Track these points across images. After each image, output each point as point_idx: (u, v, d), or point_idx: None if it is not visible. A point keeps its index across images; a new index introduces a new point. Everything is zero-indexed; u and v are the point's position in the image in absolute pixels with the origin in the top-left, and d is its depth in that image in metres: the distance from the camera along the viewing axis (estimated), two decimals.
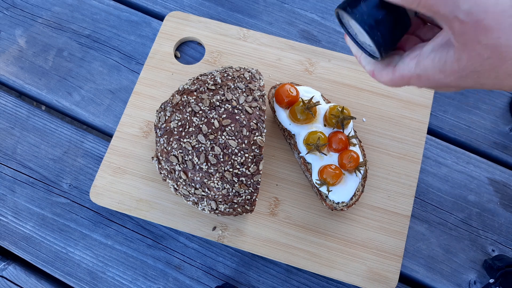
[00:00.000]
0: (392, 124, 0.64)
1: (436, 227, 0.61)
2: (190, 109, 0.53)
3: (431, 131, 0.67)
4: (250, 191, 0.53)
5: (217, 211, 0.55)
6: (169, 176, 0.55)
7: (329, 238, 0.59)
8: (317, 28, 0.72)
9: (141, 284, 0.59)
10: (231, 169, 0.51)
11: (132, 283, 0.59)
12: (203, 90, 0.55)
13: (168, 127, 0.54)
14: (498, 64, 0.26)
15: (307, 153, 0.57)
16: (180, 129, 0.53)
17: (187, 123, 0.53)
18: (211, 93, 0.54)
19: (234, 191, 0.52)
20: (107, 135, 0.67)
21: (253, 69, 0.58)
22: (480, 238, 0.61)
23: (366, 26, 0.31)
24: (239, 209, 0.54)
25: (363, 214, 0.60)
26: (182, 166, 0.53)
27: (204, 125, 0.52)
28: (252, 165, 0.52)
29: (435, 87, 0.30)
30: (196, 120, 0.52)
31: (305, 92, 0.60)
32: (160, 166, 0.55)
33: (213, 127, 0.52)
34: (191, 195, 0.54)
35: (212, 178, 0.52)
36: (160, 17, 0.73)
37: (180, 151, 0.52)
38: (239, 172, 0.52)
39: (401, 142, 0.63)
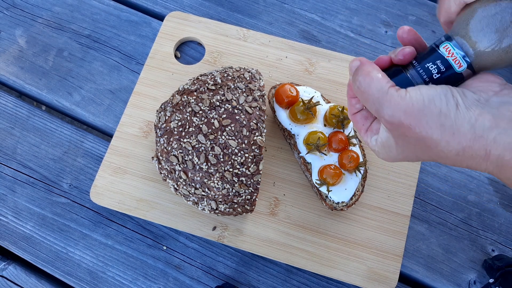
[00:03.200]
0: None
1: (436, 227, 0.61)
2: (190, 109, 0.53)
3: None
4: (250, 191, 0.53)
5: (217, 211, 0.55)
6: (169, 176, 0.55)
7: (329, 238, 0.59)
8: (317, 28, 0.72)
9: (141, 284, 0.59)
10: (231, 169, 0.51)
11: (132, 283, 0.59)
12: (203, 90, 0.55)
13: (168, 127, 0.54)
14: (426, 150, 0.31)
15: (307, 153, 0.57)
16: (180, 129, 0.53)
17: (187, 123, 0.53)
18: (211, 93, 0.54)
19: (234, 191, 0.52)
20: (107, 135, 0.67)
21: (253, 69, 0.58)
22: (480, 238, 0.61)
23: None
24: (239, 209, 0.54)
25: (363, 214, 0.60)
26: (182, 166, 0.53)
27: (204, 125, 0.52)
28: (252, 165, 0.52)
29: (392, 161, 0.36)
30: (196, 120, 0.53)
31: (305, 92, 0.60)
32: (160, 166, 0.55)
33: (213, 127, 0.52)
34: (191, 195, 0.54)
35: (212, 178, 0.52)
36: (160, 17, 0.73)
37: (180, 151, 0.52)
38: (239, 172, 0.52)
39: None
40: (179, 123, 0.53)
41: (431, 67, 0.32)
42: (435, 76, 0.32)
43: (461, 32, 0.31)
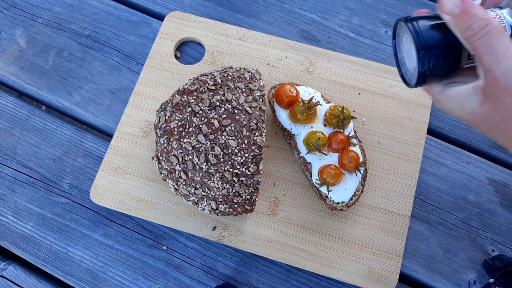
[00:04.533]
0: (392, 124, 0.64)
1: (436, 227, 0.61)
2: (190, 109, 0.53)
3: (431, 131, 0.67)
4: (250, 191, 0.53)
5: (217, 211, 0.55)
6: (169, 176, 0.55)
7: (329, 238, 0.59)
8: (317, 28, 0.72)
9: (141, 284, 0.59)
10: (231, 169, 0.51)
11: (132, 283, 0.59)
12: (203, 90, 0.55)
13: (168, 127, 0.54)
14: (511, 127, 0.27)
15: (307, 153, 0.57)
16: (180, 129, 0.53)
17: (187, 123, 0.53)
18: (211, 93, 0.54)
19: (234, 191, 0.52)
20: (107, 135, 0.67)
21: (253, 69, 0.58)
22: (480, 238, 0.61)
23: (420, 44, 0.31)
24: (239, 209, 0.54)
25: (363, 214, 0.60)
26: (182, 166, 0.53)
27: (204, 125, 0.52)
28: (252, 165, 0.52)
29: (455, 116, 0.31)
30: (196, 120, 0.53)
31: (305, 92, 0.60)
32: (160, 166, 0.55)
33: (213, 127, 0.52)
34: (191, 195, 0.54)
35: (212, 178, 0.52)
36: (160, 17, 0.73)
37: (180, 151, 0.52)
38: (239, 172, 0.52)
39: (401, 142, 0.63)
40: (179, 123, 0.53)
41: None
42: None
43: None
